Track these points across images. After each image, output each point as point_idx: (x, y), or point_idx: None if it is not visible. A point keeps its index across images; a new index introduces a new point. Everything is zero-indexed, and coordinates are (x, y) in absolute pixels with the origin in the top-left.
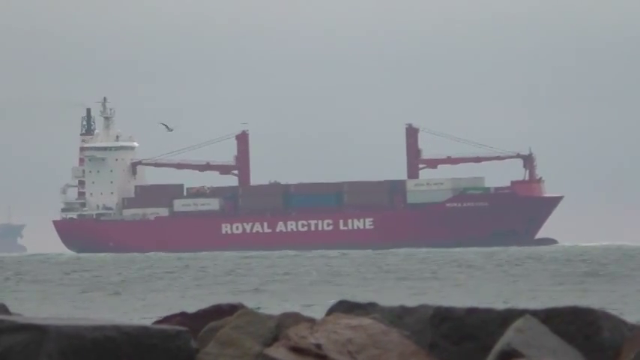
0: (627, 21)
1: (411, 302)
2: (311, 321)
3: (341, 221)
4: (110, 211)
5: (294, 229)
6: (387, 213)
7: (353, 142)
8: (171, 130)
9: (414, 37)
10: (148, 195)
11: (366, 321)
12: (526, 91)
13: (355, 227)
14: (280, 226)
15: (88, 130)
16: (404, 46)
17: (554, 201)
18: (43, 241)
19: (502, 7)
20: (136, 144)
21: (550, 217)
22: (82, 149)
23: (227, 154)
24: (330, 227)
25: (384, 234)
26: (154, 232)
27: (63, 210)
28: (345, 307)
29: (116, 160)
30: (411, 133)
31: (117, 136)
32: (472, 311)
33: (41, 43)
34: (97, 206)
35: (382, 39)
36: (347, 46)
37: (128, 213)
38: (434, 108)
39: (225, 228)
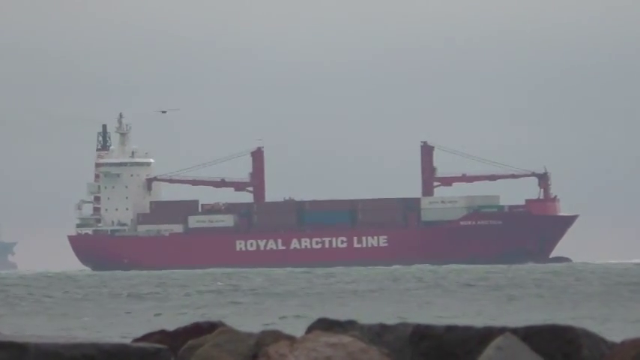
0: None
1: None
2: (291, 339)
3: (355, 239)
4: (125, 227)
5: (308, 247)
6: (401, 231)
7: (368, 159)
8: (165, 112)
9: (430, 54)
10: (163, 211)
11: (345, 339)
12: (542, 109)
13: (369, 245)
14: (294, 244)
15: (104, 145)
16: (420, 63)
17: (569, 220)
18: (35, 258)
19: (517, 24)
20: (151, 160)
21: (565, 235)
22: (97, 165)
23: (242, 170)
24: (345, 245)
25: (397, 252)
26: (168, 248)
27: (78, 225)
28: (325, 325)
29: (131, 175)
30: (426, 150)
31: (132, 152)
32: (451, 329)
33: (56, 59)
34: (112, 222)
35: (398, 55)
36: (363, 62)
37: (143, 229)
38: (449, 126)
39: (240, 245)
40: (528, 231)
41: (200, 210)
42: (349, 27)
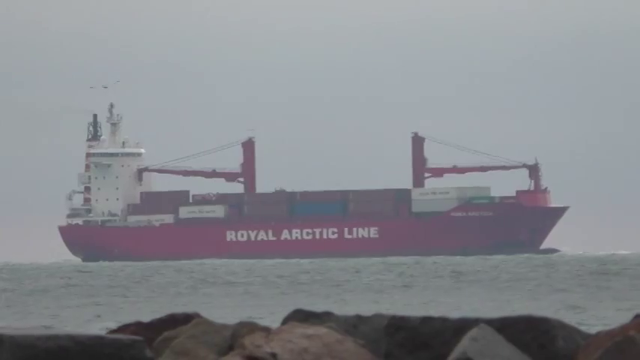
0: (634, 28)
1: None
2: (266, 330)
3: (346, 229)
4: (115, 218)
5: (299, 237)
6: (392, 222)
7: (359, 150)
8: (106, 87)
9: (421, 45)
10: (154, 201)
11: (321, 330)
12: (533, 100)
13: (360, 236)
14: (285, 234)
15: (95, 136)
16: (410, 53)
17: (560, 211)
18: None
19: (509, 16)
20: (142, 150)
21: (555, 227)
22: (88, 155)
23: (233, 161)
24: (335, 235)
25: (388, 243)
26: (158, 238)
27: (68, 216)
28: (301, 316)
29: (122, 166)
30: (417, 141)
31: (123, 143)
32: (427, 320)
33: (47, 47)
34: (103, 212)
35: (388, 45)
36: (353, 53)
37: (133, 219)
38: (440, 117)
39: (230, 235)
40: (519, 222)
41: (191, 200)
42: (340, 18)
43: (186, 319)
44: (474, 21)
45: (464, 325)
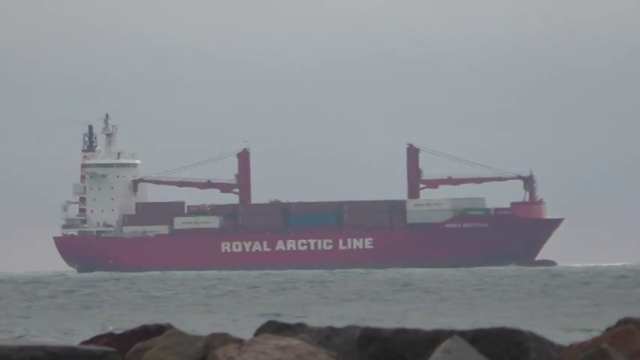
0: (630, 39)
1: None
2: (239, 341)
3: (340, 240)
4: (110, 228)
5: (294, 248)
6: (387, 233)
7: (353, 161)
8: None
9: (416, 57)
10: (149, 212)
11: (294, 342)
12: (528, 112)
13: (355, 247)
14: (280, 245)
15: (90, 146)
16: (405, 65)
17: (555, 223)
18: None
19: (505, 27)
20: (138, 161)
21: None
22: (83, 166)
23: (228, 172)
24: (330, 247)
25: (383, 254)
26: (153, 249)
27: (64, 226)
28: (274, 328)
29: (117, 177)
30: (412, 153)
31: (119, 153)
32: (400, 332)
33: (42, 58)
34: (98, 223)
35: (383, 57)
36: (347, 63)
37: (128, 230)
38: (435, 128)
39: (225, 246)
40: (514, 234)
41: (186, 211)
42: (335, 30)
43: (158, 330)
44: (469, 31)
45: (437, 337)
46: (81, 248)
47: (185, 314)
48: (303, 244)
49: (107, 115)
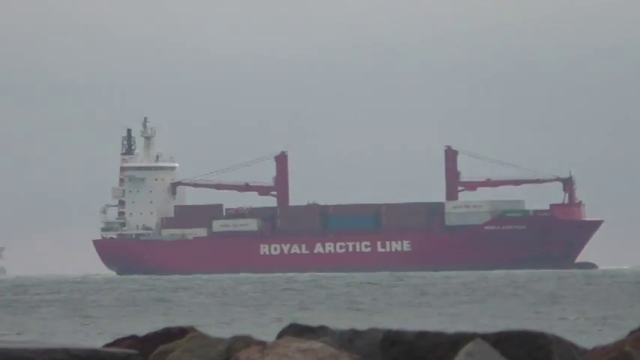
0: None
1: None
2: (262, 344)
3: (379, 243)
4: (149, 231)
5: (332, 251)
6: (425, 235)
7: (392, 163)
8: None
9: (454, 58)
10: (187, 215)
11: (316, 344)
12: (567, 113)
13: (393, 249)
14: (318, 248)
15: (129, 150)
16: (444, 66)
17: (594, 225)
18: (25, 263)
19: (543, 29)
20: (176, 164)
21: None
22: (122, 169)
23: (266, 174)
24: (368, 249)
25: (421, 256)
26: (192, 252)
27: (103, 229)
28: (296, 331)
29: (156, 180)
30: (450, 155)
31: (157, 156)
32: (422, 335)
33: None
34: (137, 226)
35: (422, 58)
36: (387, 66)
37: (167, 233)
38: (473, 130)
39: (264, 249)
40: (553, 236)
41: (224, 214)
42: (369, 28)
43: (181, 332)
44: (508, 34)
45: (459, 340)
46: (120, 251)
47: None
48: (341, 247)
49: (146, 119)
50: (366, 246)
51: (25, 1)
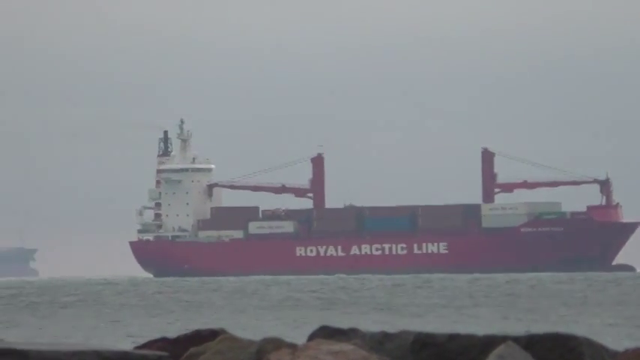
0: None
1: None
2: (292, 346)
3: (415, 245)
4: (186, 233)
5: (368, 253)
6: (462, 237)
7: (428, 165)
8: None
9: (492, 61)
10: (224, 217)
11: (347, 347)
12: (604, 115)
13: (429, 251)
14: (354, 250)
15: (165, 151)
16: (481, 68)
17: (632, 227)
18: (56, 265)
19: (582, 31)
20: (212, 166)
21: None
22: (158, 171)
23: (302, 176)
24: (404, 251)
25: (458, 258)
26: (229, 254)
27: (139, 231)
28: (327, 333)
29: (192, 181)
30: (487, 157)
31: (193, 158)
32: (453, 337)
33: (118, 64)
34: (173, 228)
35: (459, 61)
36: (423, 67)
37: (203, 235)
38: (510, 132)
39: (300, 251)
40: (590, 238)
41: (260, 216)
42: (406, 28)
43: (211, 335)
44: (546, 37)
45: (491, 342)
46: (156, 253)
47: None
48: (377, 249)
49: (182, 120)
50: (403, 248)
51: (61, 2)
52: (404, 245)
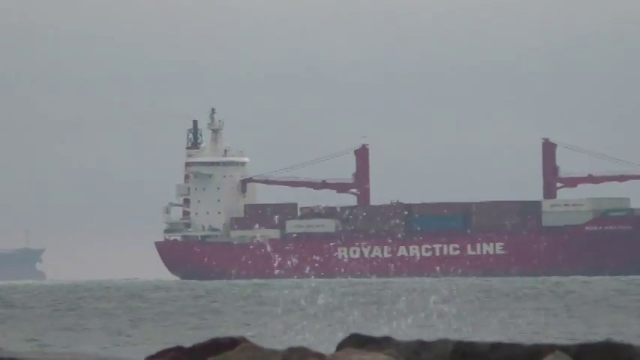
0: None
1: None
2: (319, 356)
3: (469, 245)
4: (217, 233)
5: (417, 254)
6: (520, 237)
7: (483, 158)
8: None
9: (551, 50)
10: (259, 215)
11: (380, 357)
12: None
13: (484, 252)
14: (402, 251)
15: (194, 143)
16: (540, 57)
17: None
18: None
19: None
20: (246, 159)
21: None
22: (187, 165)
23: (345, 170)
24: (457, 252)
25: (516, 260)
26: (263, 255)
27: (166, 231)
28: (357, 342)
29: (224, 176)
30: (548, 148)
31: (225, 151)
32: (496, 346)
33: (146, 52)
34: (203, 227)
35: (517, 50)
36: (483, 58)
37: (236, 234)
38: (573, 122)
39: (342, 252)
40: None
41: (299, 214)
42: (458, 20)
43: (231, 343)
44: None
45: (537, 352)
46: (184, 254)
47: None
48: (427, 250)
49: (213, 110)
50: (455, 249)
51: None
52: (456, 246)
